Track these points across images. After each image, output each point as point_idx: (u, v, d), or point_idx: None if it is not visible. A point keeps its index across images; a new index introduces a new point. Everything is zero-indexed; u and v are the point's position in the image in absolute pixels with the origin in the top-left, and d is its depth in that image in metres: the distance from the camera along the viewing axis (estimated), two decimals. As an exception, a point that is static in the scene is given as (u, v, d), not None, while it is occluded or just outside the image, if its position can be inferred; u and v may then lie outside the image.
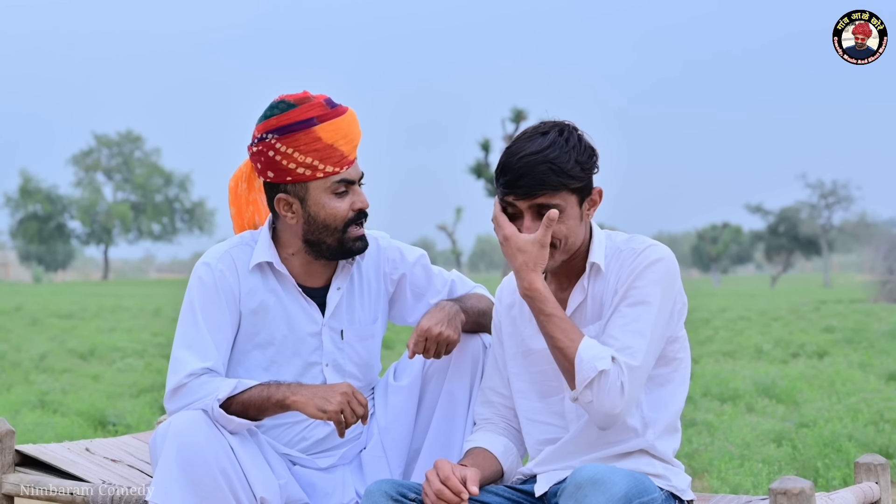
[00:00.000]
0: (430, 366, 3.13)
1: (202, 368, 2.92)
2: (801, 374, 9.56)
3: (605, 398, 2.64)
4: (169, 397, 2.93)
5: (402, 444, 3.15)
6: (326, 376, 3.09)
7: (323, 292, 3.11)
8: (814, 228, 58.40)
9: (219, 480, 2.75)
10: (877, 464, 3.00)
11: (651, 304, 2.71)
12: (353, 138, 3.01)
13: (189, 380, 2.90)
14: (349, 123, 3.00)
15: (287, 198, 3.01)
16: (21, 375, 10.37)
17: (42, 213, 68.15)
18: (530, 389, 2.92)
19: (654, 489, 2.64)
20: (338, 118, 2.97)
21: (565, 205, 2.73)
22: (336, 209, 3.01)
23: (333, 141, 2.95)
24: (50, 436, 6.56)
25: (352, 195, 3.03)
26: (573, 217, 2.76)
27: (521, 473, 2.93)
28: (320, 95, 3.02)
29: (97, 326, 17.34)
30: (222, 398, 2.84)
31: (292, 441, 3.10)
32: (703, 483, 5.48)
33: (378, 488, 2.69)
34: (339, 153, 2.96)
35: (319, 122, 2.95)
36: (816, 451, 5.75)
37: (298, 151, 2.94)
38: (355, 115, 3.05)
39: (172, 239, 72.05)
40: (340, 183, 3.00)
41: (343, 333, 3.11)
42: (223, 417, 2.82)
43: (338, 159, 2.96)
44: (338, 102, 3.03)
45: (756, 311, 20.30)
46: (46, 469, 3.29)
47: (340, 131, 2.97)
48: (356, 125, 3.03)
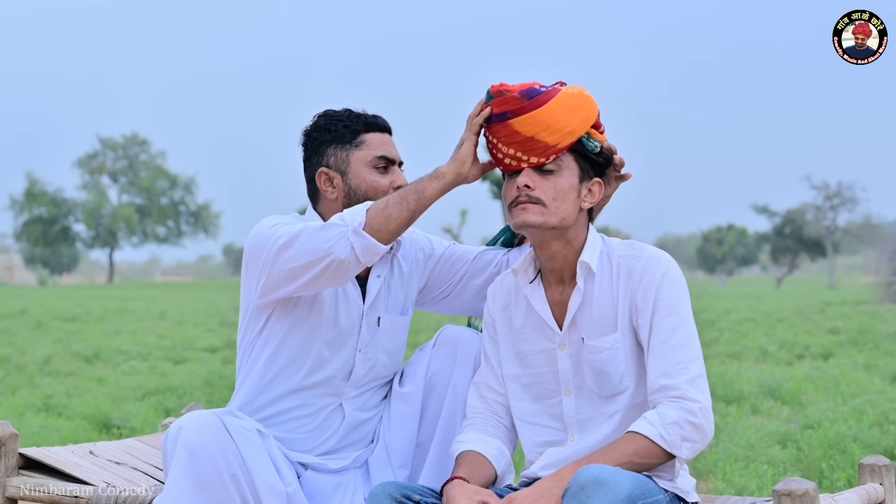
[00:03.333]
0: (435, 373, 3.13)
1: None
2: (806, 375, 9.55)
3: (697, 442, 2.68)
4: (283, 248, 2.86)
5: (405, 452, 3.16)
6: (356, 362, 3.10)
7: (364, 280, 3.13)
8: (819, 230, 58.34)
9: (228, 486, 2.75)
10: (881, 465, 2.99)
11: (682, 312, 2.75)
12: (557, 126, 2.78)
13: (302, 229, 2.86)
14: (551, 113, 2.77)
15: (328, 172, 3.06)
16: (26, 378, 10.37)
17: (47, 216, 68.24)
18: (525, 392, 2.92)
19: (658, 490, 2.64)
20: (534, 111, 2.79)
21: (564, 165, 2.77)
22: (377, 182, 3.05)
23: (534, 133, 2.77)
24: (54, 439, 6.56)
25: (392, 174, 3.07)
26: (570, 183, 2.78)
27: (526, 476, 2.93)
28: (520, 85, 2.82)
29: (102, 329, 17.35)
30: (363, 220, 2.81)
31: (303, 448, 3.10)
32: (708, 484, 5.47)
33: (382, 490, 2.69)
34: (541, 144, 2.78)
35: (513, 116, 2.80)
36: (821, 453, 5.74)
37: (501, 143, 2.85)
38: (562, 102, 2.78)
39: (178, 242, 72.12)
40: (381, 159, 3.05)
41: (380, 321, 3.13)
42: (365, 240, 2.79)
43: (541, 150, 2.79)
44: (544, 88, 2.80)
45: (761, 313, 20.28)
46: (50, 472, 3.29)
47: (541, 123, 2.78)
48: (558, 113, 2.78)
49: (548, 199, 2.77)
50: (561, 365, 2.86)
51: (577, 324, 2.83)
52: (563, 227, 2.80)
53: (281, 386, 3.06)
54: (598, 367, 2.80)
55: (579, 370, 2.84)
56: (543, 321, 2.88)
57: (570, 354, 2.84)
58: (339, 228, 2.82)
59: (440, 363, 3.13)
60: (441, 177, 2.84)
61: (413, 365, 3.20)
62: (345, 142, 3.06)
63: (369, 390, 3.15)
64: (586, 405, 2.84)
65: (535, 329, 2.90)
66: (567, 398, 2.85)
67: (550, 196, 2.77)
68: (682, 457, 2.66)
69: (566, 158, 2.79)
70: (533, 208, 2.77)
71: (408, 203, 2.83)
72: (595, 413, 2.83)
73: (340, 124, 3.07)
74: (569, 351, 2.85)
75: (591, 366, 2.82)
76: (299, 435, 3.09)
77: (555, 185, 2.77)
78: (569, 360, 2.85)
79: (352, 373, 3.10)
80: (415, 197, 2.83)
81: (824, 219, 59.00)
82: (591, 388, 2.83)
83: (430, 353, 3.16)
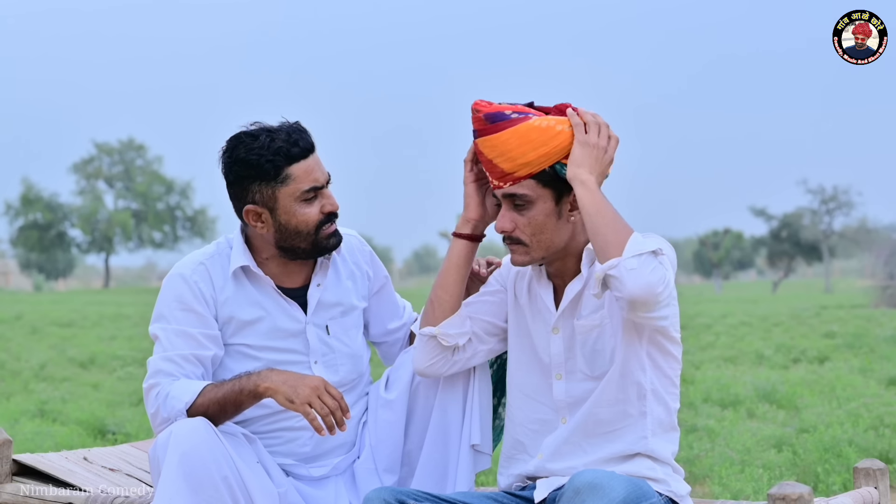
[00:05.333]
0: (421, 380, 3.11)
1: (176, 372, 2.94)
2: (802, 379, 9.55)
3: (653, 272, 2.60)
4: (145, 399, 2.96)
5: (392, 459, 3.14)
6: (315, 373, 3.07)
7: (303, 291, 3.11)
8: (815, 234, 58.35)
9: (220, 488, 2.75)
10: (876, 469, 2.99)
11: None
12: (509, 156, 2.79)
13: (160, 379, 2.93)
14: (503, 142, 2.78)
15: (256, 209, 3.01)
16: (21, 384, 10.35)
17: (43, 222, 68.12)
18: (532, 363, 2.92)
19: (653, 494, 2.64)
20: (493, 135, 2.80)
21: (534, 196, 2.76)
22: (307, 216, 3.00)
23: (492, 157, 2.79)
24: (49, 445, 6.54)
25: (321, 199, 3.02)
26: (545, 212, 2.77)
27: (521, 479, 2.92)
28: (497, 107, 2.81)
29: (97, 335, 17.32)
30: (189, 401, 2.86)
31: (281, 453, 3.09)
32: (704, 489, 5.47)
33: (377, 496, 2.69)
34: (498, 170, 2.80)
35: (477, 136, 2.83)
36: (817, 457, 5.74)
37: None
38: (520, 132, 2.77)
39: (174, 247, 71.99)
40: (309, 191, 3.00)
41: (328, 328, 3.11)
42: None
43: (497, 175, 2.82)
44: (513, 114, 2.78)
45: (757, 317, 20.29)
46: (44, 478, 3.28)
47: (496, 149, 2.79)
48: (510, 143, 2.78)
49: (527, 237, 2.80)
50: (553, 348, 2.87)
51: (574, 308, 2.84)
52: (554, 252, 2.81)
53: (247, 412, 3.03)
54: (590, 344, 2.82)
55: (571, 353, 2.85)
56: (543, 303, 2.89)
57: (562, 338, 2.86)
58: (161, 416, 2.90)
59: None
60: (269, 391, 2.85)
61: (398, 370, 3.18)
62: (269, 179, 2.97)
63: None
64: (576, 388, 2.84)
65: (533, 309, 2.92)
66: (558, 382, 2.86)
67: (529, 233, 2.80)
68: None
69: (535, 187, 2.77)
70: (517, 249, 2.83)
71: (242, 404, 2.89)
72: (586, 395, 2.84)
73: (263, 160, 2.96)
74: (562, 335, 2.86)
75: (582, 346, 2.83)
76: (275, 442, 3.08)
77: (530, 220, 2.79)
78: (561, 343, 2.86)
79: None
80: (234, 401, 2.88)
81: (820, 223, 59.01)
82: (583, 371, 2.84)
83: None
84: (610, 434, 2.79)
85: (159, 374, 2.94)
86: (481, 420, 3.07)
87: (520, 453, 2.93)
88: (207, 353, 2.99)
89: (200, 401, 2.87)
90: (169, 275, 3.06)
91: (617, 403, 2.78)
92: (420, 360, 2.99)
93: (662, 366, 2.81)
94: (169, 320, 2.99)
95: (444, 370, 3.00)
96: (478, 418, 3.06)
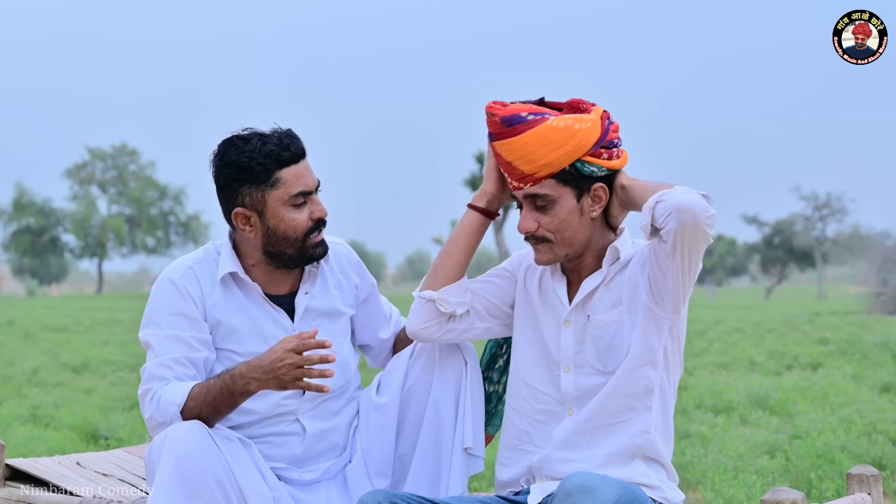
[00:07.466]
0: (413, 384, 3.12)
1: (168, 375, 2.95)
2: (795, 385, 9.55)
3: (702, 198, 2.64)
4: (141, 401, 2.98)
5: (384, 463, 3.14)
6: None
7: (290, 298, 3.11)
8: (808, 241, 58.40)
9: (215, 492, 2.75)
10: (869, 475, 2.99)
11: None
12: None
13: (153, 384, 2.94)
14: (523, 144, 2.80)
15: (245, 212, 3.01)
16: (13, 389, 10.32)
17: (35, 227, 67.99)
18: (537, 354, 2.92)
19: (646, 500, 2.64)
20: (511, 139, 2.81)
21: (556, 195, 2.75)
22: (296, 221, 3.00)
23: (511, 160, 2.81)
24: (41, 450, 6.53)
25: (310, 205, 3.02)
26: (567, 210, 2.78)
27: (526, 473, 2.92)
28: (511, 108, 2.82)
29: (90, 340, 17.27)
30: (181, 403, 2.87)
31: (273, 457, 3.08)
32: (697, 495, 5.47)
33: (371, 499, 2.70)
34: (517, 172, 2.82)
35: (494, 140, 2.85)
36: (809, 463, 5.74)
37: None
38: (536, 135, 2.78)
39: (167, 252, 71.87)
40: (299, 196, 2.99)
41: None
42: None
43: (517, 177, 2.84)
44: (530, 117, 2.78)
45: (750, 323, 20.29)
46: (37, 483, 3.28)
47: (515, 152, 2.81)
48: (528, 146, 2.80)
49: (551, 235, 2.81)
50: (564, 341, 2.87)
51: (587, 302, 2.85)
52: (579, 247, 2.82)
53: (234, 418, 3.04)
54: (606, 340, 2.82)
55: (582, 347, 2.86)
56: (556, 295, 2.89)
57: (573, 331, 2.87)
58: (157, 420, 2.91)
59: (418, 374, 3.11)
60: (262, 389, 2.87)
61: (389, 374, 3.18)
62: (259, 182, 2.98)
63: (326, 400, 3.13)
64: (585, 381, 2.85)
65: (544, 301, 2.92)
66: (566, 374, 2.87)
67: (553, 230, 2.81)
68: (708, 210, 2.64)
69: (556, 186, 2.79)
70: (542, 247, 2.83)
71: (235, 405, 2.90)
72: (595, 389, 2.84)
73: (254, 163, 2.96)
74: (573, 328, 2.86)
75: (595, 341, 2.83)
76: (265, 447, 3.08)
77: (553, 218, 2.80)
78: (572, 336, 2.87)
79: (304, 392, 3.08)
80: (227, 402, 2.88)
81: (813, 229, 59.08)
82: (593, 365, 2.84)
83: (407, 362, 3.13)
84: (614, 426, 2.80)
85: (152, 380, 2.95)
86: (474, 423, 3.07)
87: (525, 444, 2.93)
88: (199, 355, 2.99)
89: (192, 403, 2.88)
90: (158, 280, 3.06)
91: (624, 396, 2.80)
92: (414, 321, 2.98)
93: (672, 365, 2.82)
94: (160, 325, 2.99)
95: (436, 335, 2.98)
96: (471, 421, 3.06)
